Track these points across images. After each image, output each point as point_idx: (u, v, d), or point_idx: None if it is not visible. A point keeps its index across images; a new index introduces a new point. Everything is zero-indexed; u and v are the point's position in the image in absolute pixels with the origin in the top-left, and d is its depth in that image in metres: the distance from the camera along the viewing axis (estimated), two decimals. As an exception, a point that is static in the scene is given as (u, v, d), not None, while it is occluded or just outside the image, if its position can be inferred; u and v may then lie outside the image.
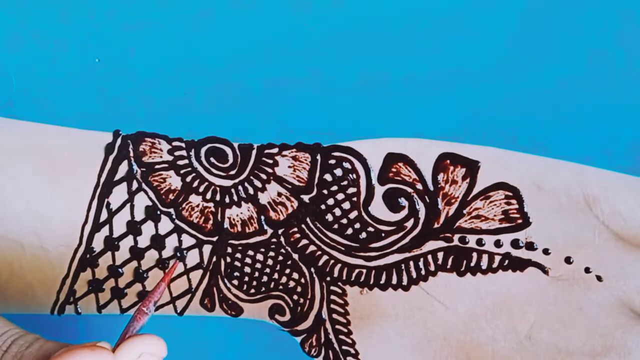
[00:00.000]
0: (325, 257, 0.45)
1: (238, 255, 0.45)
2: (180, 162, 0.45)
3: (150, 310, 0.37)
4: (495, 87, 0.42)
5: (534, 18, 0.41)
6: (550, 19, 0.41)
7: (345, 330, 0.46)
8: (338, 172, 0.44)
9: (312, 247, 0.45)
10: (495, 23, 0.41)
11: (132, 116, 0.45)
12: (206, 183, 0.45)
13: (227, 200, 0.45)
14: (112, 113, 0.45)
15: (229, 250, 0.45)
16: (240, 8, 0.43)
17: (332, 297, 0.45)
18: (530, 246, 0.43)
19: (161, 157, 0.45)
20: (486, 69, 0.42)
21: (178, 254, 0.45)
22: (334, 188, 0.44)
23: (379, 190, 0.44)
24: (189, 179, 0.45)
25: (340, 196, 0.44)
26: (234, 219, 0.45)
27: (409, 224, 0.44)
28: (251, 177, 0.45)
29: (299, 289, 0.46)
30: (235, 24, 0.43)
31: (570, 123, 0.42)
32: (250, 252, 0.45)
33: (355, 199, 0.44)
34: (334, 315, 0.46)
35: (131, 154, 0.45)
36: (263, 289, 0.46)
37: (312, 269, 0.45)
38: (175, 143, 0.45)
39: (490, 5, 0.41)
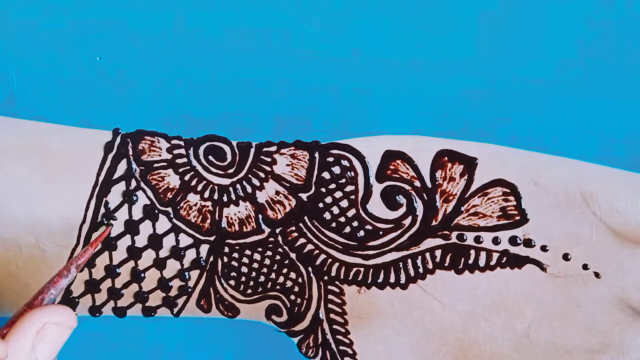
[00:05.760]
0: (322, 256, 0.45)
1: (235, 255, 0.45)
2: (179, 161, 0.45)
3: (71, 273, 0.36)
4: (492, 83, 0.42)
5: (530, 14, 0.42)
6: (547, 14, 0.41)
7: (343, 330, 0.45)
8: (336, 169, 0.44)
9: (309, 246, 0.45)
10: (492, 20, 0.42)
11: (132, 114, 0.45)
12: (204, 181, 0.45)
13: (225, 199, 0.45)
14: (112, 111, 0.45)
15: (226, 250, 0.45)
16: (239, 7, 0.43)
17: (330, 296, 0.45)
18: (528, 243, 0.43)
19: (160, 155, 0.45)
20: (483, 66, 0.42)
21: (105, 220, 0.44)
22: (332, 186, 0.44)
23: (377, 188, 0.44)
24: (187, 177, 0.45)
25: (338, 194, 0.44)
26: (231, 218, 0.45)
27: (407, 221, 0.44)
28: (249, 176, 0.45)
29: (296, 288, 0.45)
30: (234, 22, 0.44)
31: (567, 119, 0.42)
32: (248, 252, 0.45)
33: (353, 197, 0.44)
34: (332, 315, 0.45)
35: (130, 153, 0.45)
36: (260, 289, 0.45)
37: (310, 268, 0.45)
38: (174, 141, 0.45)
39: (487, 1, 0.42)
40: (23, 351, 0.33)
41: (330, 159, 0.44)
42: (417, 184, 0.44)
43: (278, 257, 0.45)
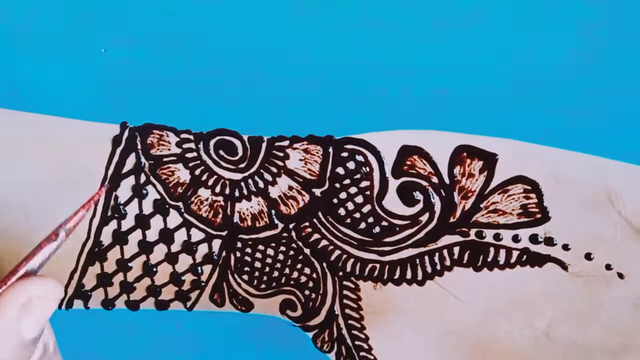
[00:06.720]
0: (337, 252, 0.44)
1: (248, 250, 0.44)
2: (189, 155, 0.44)
3: (61, 238, 0.33)
4: (512, 77, 0.41)
5: (547, 9, 0.40)
6: (566, 9, 0.40)
7: (359, 326, 0.45)
8: (351, 165, 0.43)
9: (324, 242, 0.44)
10: (509, 14, 0.40)
11: (139, 108, 0.44)
12: (215, 176, 0.44)
13: (237, 194, 0.44)
14: (118, 104, 0.44)
15: (239, 245, 0.44)
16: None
17: (345, 292, 0.45)
18: (549, 241, 0.42)
19: (169, 149, 0.44)
20: (501, 61, 0.41)
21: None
22: (347, 181, 0.43)
23: (393, 183, 0.43)
24: (197, 172, 0.44)
25: (353, 190, 0.44)
26: (244, 213, 0.44)
27: (424, 218, 0.43)
28: (261, 171, 0.44)
29: (310, 284, 0.45)
30: (245, 14, 0.42)
31: (590, 115, 0.41)
32: (261, 247, 0.44)
33: (368, 192, 0.43)
34: (347, 311, 0.45)
35: (139, 147, 0.44)
36: (274, 284, 0.45)
37: (324, 264, 0.44)
38: (183, 135, 0.44)
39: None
40: (9, 324, 0.31)
41: (345, 154, 0.43)
42: (435, 180, 0.43)
43: (292, 253, 0.44)
